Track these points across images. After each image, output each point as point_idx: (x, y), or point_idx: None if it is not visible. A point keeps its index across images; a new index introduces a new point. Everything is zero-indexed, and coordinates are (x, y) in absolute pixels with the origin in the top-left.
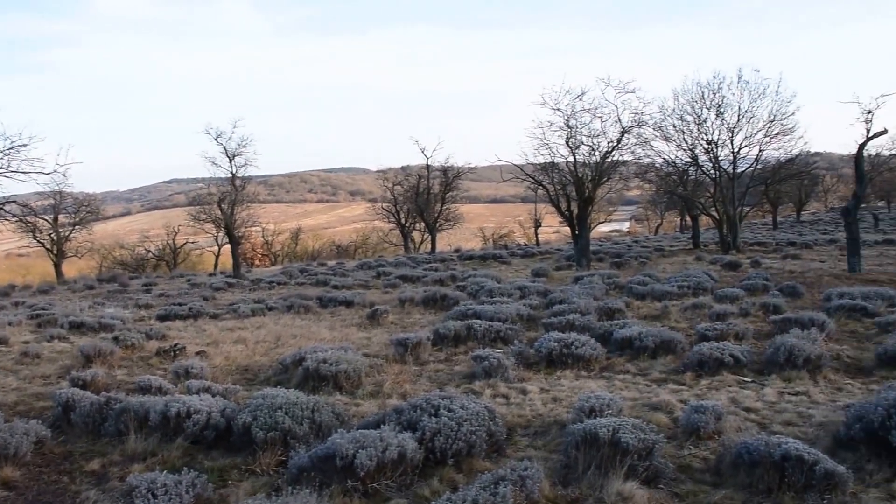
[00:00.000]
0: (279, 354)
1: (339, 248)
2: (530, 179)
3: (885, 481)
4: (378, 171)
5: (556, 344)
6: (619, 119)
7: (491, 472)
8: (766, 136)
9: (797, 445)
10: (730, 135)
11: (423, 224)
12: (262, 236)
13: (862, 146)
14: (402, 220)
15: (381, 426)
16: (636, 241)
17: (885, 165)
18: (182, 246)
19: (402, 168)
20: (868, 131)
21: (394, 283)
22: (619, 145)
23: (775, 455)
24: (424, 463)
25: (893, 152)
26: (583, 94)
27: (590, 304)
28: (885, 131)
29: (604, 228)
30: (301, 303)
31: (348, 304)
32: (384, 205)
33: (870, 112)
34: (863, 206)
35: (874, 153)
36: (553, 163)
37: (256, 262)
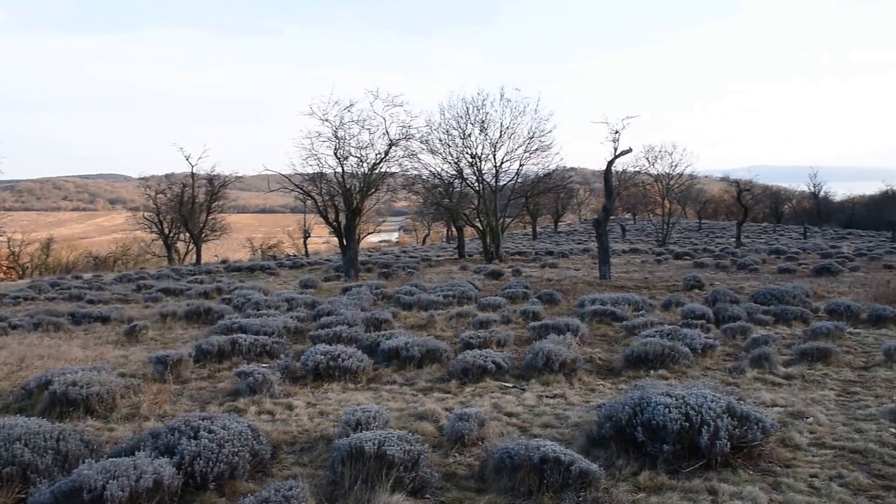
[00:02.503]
0: (22, 378)
1: (96, 260)
2: (298, 190)
3: (632, 475)
4: (140, 179)
5: (322, 357)
6: (387, 131)
7: (255, 493)
8: (526, 151)
9: (555, 447)
10: (493, 149)
11: (187, 234)
12: (8, 247)
13: (610, 163)
14: (166, 231)
15: (136, 452)
16: (404, 252)
17: (630, 181)
18: None
19: (166, 176)
20: (616, 149)
21: (155, 296)
22: (387, 157)
23: (535, 458)
24: (184, 489)
25: (637, 169)
26: (351, 105)
27: (357, 315)
28: (630, 150)
29: (373, 239)
30: (51, 320)
31: (104, 319)
32: (146, 214)
33: (617, 132)
34: (612, 218)
35: (621, 169)
36: (321, 173)
37: (1, 275)
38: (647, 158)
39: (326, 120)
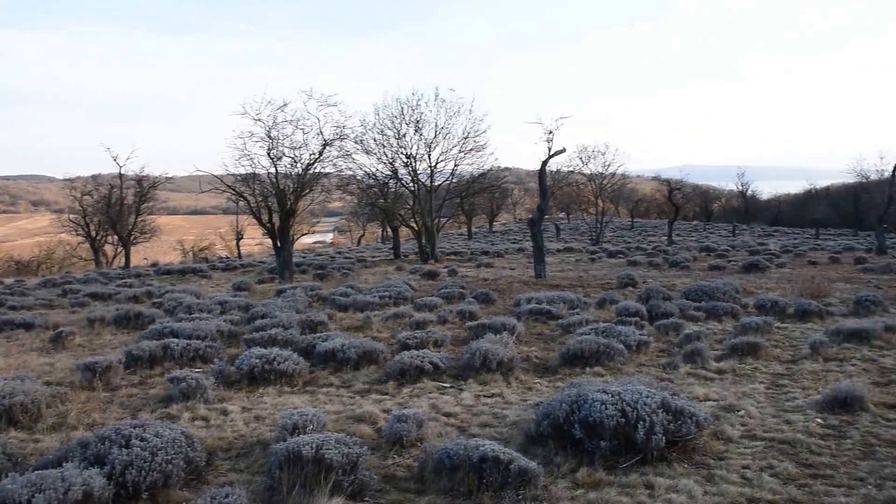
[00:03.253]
0: None
1: (18, 264)
2: (231, 191)
3: (570, 472)
4: (65, 180)
5: (258, 360)
6: (321, 131)
7: (190, 502)
8: (460, 151)
9: (494, 446)
10: (427, 149)
11: (116, 237)
12: None
13: (544, 163)
14: (93, 233)
15: (64, 464)
16: (339, 253)
17: (564, 180)
18: None
19: (93, 177)
20: (549, 150)
21: (82, 301)
22: (321, 157)
23: (474, 457)
24: (115, 500)
25: (571, 169)
26: (285, 105)
27: (293, 317)
28: (563, 150)
29: (307, 240)
30: None
31: (28, 326)
32: (72, 216)
33: (551, 132)
34: (546, 217)
35: (555, 169)
36: (254, 174)
37: None
38: (581, 158)
39: (259, 120)
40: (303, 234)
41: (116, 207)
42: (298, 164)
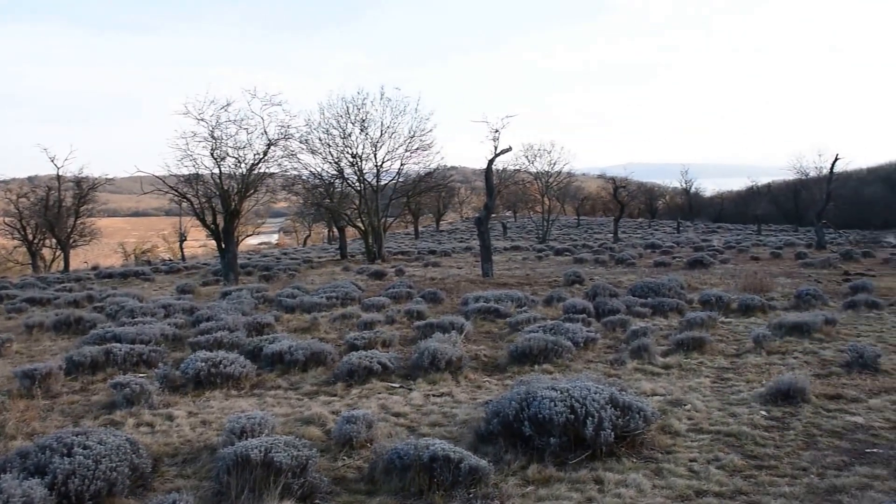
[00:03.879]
0: None
1: None
2: (173, 192)
3: (521, 469)
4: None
5: (203, 364)
6: (265, 131)
7: None
8: (406, 150)
9: (444, 445)
10: (373, 149)
11: (54, 240)
12: None
13: (491, 161)
14: (30, 237)
15: (2, 475)
16: (285, 254)
17: (510, 179)
18: None
19: (29, 179)
20: (496, 148)
21: (20, 307)
22: (266, 157)
23: (424, 457)
24: None
25: (517, 167)
26: (228, 104)
27: (239, 319)
28: (509, 149)
29: (252, 241)
30: None
31: None
32: (7, 219)
33: (497, 131)
34: (493, 216)
35: (502, 168)
36: (198, 175)
37: None
38: (527, 157)
39: (202, 119)
40: (248, 236)
41: (54, 210)
42: (243, 165)
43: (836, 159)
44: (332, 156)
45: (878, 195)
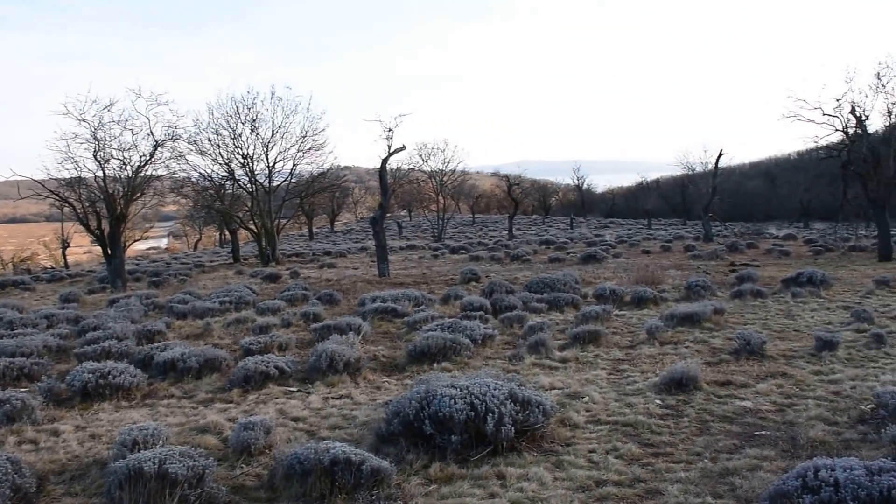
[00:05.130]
0: None
1: None
2: (54, 196)
3: (423, 468)
4: None
5: (90, 375)
6: (151, 132)
7: None
8: (299, 150)
9: (344, 448)
10: (265, 149)
11: None
12: None
13: (385, 161)
14: None
15: None
16: (175, 259)
17: (405, 178)
18: None
19: None
20: (389, 147)
21: None
22: (153, 159)
23: (325, 461)
24: None
25: (412, 166)
26: (111, 104)
27: (128, 328)
28: (403, 147)
29: (140, 246)
30: None
31: None
32: None
33: (390, 130)
34: (388, 215)
35: (396, 167)
36: (80, 178)
37: None
38: (421, 155)
39: (84, 120)
40: (135, 241)
41: None
42: (128, 167)
43: (721, 155)
44: (222, 157)
45: (759, 189)
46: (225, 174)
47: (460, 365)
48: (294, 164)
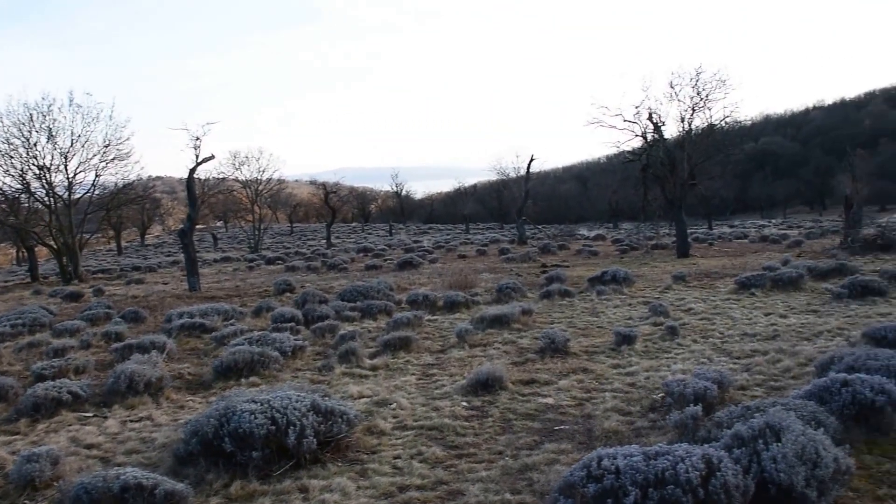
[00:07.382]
0: None
1: None
2: None
3: (223, 487)
4: None
5: None
6: None
7: None
8: (102, 160)
9: (136, 473)
10: (64, 160)
11: None
12: None
13: (192, 170)
14: None
15: None
16: None
17: (217, 188)
18: None
19: None
20: (197, 157)
21: None
22: None
23: (115, 488)
24: None
25: (224, 175)
26: None
27: None
28: (212, 157)
29: None
30: None
31: None
32: None
33: (198, 139)
34: (201, 226)
35: (206, 177)
36: None
37: None
38: (233, 164)
39: None
40: None
41: None
42: None
43: (532, 160)
44: (14, 168)
45: (572, 192)
46: (19, 187)
47: (269, 379)
48: (97, 175)
